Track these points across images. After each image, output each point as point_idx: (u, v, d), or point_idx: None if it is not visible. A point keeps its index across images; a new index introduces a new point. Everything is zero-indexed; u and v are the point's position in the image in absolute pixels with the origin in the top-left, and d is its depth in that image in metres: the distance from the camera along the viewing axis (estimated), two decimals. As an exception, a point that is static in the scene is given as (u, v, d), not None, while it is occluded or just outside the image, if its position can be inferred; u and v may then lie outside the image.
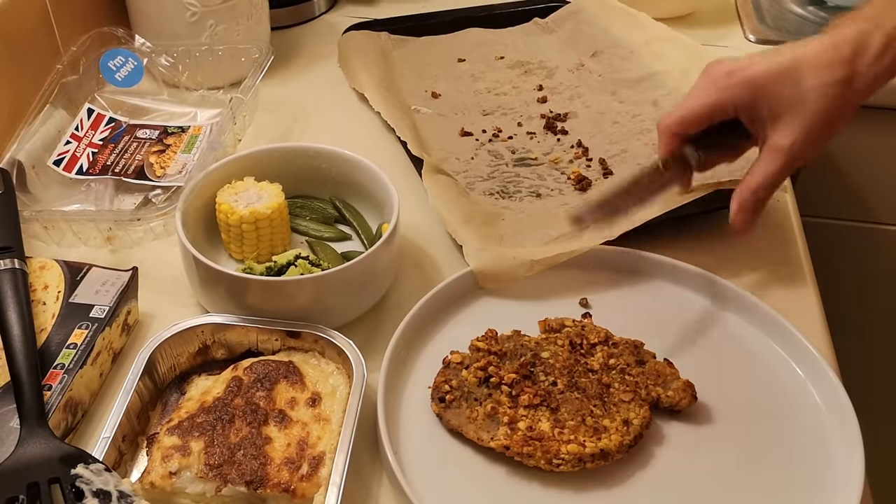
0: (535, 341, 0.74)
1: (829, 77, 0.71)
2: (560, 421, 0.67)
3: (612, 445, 0.65)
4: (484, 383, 0.70)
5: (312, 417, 0.66)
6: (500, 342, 0.74)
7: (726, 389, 0.72)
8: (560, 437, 0.65)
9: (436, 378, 0.72)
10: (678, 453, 0.68)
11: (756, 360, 0.75)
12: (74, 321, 0.71)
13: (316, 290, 0.74)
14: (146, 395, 0.69)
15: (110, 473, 0.60)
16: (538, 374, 0.71)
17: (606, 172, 0.96)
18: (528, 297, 0.81)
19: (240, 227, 0.81)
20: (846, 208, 1.37)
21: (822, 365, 0.72)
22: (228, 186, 0.82)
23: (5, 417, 0.64)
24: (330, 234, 0.87)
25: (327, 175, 0.88)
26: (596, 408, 0.68)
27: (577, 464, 0.64)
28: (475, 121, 1.06)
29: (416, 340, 0.76)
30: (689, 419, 0.70)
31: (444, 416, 0.69)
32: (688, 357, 0.74)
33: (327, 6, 1.32)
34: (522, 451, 0.65)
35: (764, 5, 1.30)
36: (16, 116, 0.94)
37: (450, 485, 0.66)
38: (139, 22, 1.09)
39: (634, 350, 0.73)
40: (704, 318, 0.79)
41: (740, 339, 0.77)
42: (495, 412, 0.68)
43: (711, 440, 0.69)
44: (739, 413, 0.71)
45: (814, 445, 0.68)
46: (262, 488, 0.61)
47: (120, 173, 0.93)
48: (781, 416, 0.71)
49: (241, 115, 0.97)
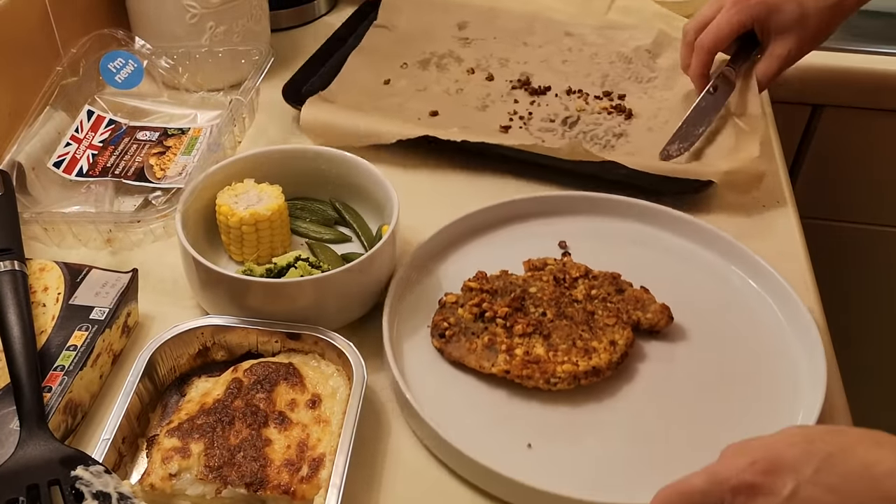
0: (522, 279, 0.80)
1: (824, 3, 0.93)
2: (553, 346, 0.73)
3: (602, 363, 0.71)
4: (479, 318, 0.76)
5: (312, 419, 0.66)
6: (490, 281, 0.79)
7: (699, 312, 0.79)
8: (555, 360, 0.71)
9: (434, 317, 0.77)
10: (659, 368, 0.75)
11: (725, 287, 0.83)
12: (74, 323, 0.71)
13: (316, 291, 0.74)
14: (146, 397, 0.69)
15: (110, 475, 0.60)
16: (528, 307, 0.76)
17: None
18: (510, 243, 0.87)
19: (240, 229, 0.81)
20: (846, 210, 1.37)
21: (784, 285, 0.79)
22: (228, 188, 0.82)
23: (5, 419, 0.64)
24: (330, 236, 0.87)
25: (327, 177, 0.88)
26: (584, 332, 0.74)
27: (572, 381, 0.71)
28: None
29: (411, 286, 0.81)
30: (666, 338, 0.77)
31: (445, 349, 0.75)
32: (662, 286, 0.80)
33: (327, 8, 1.32)
34: (522, 374, 0.71)
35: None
36: (16, 118, 0.94)
37: (456, 410, 0.71)
38: (139, 24, 1.09)
39: (613, 281, 0.79)
40: (677, 253, 0.87)
41: (711, 269, 0.85)
42: (493, 342, 0.73)
43: (688, 356, 0.76)
44: (711, 332, 0.78)
45: (780, 357, 0.76)
46: (262, 490, 0.61)
47: (120, 175, 0.93)
48: (749, 333, 0.78)
49: (240, 117, 0.97)
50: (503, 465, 0.64)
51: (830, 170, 1.32)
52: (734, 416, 0.71)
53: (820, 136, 1.29)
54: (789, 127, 1.25)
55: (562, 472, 0.67)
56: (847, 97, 1.23)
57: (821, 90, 1.23)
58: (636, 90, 1.10)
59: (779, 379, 0.74)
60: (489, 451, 0.65)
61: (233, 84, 1.05)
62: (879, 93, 1.22)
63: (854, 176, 1.33)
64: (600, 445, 0.69)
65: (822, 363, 0.72)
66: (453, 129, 1.00)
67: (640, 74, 1.13)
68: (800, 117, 1.28)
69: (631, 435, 0.70)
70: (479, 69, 1.15)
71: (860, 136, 1.29)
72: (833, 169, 1.32)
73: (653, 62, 1.15)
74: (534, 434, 0.69)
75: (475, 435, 0.68)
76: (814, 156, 1.31)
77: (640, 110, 1.06)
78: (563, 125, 1.04)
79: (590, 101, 1.08)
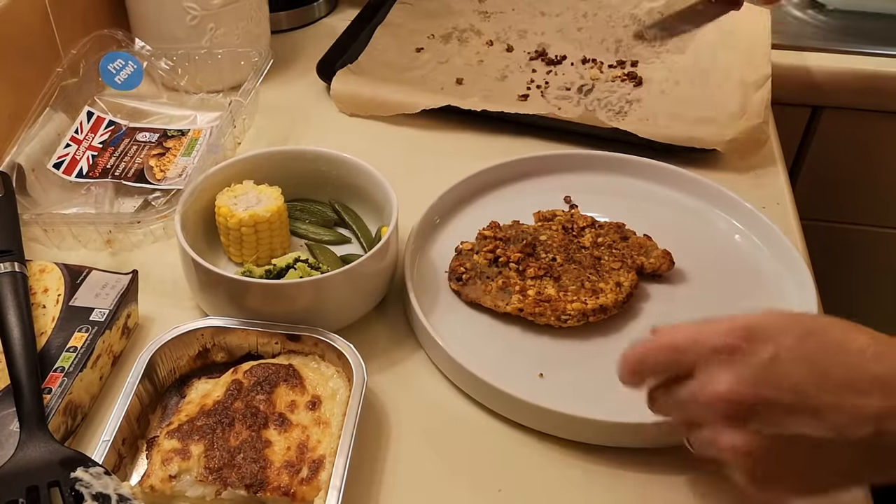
0: (533, 228, 0.86)
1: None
2: (563, 287, 0.78)
3: (609, 302, 0.77)
4: (493, 263, 0.82)
5: (312, 421, 0.66)
6: (503, 230, 0.85)
7: (698, 258, 0.85)
8: (565, 299, 0.77)
9: (451, 263, 0.83)
10: (662, 307, 0.81)
11: (721, 234, 0.89)
12: (74, 324, 0.71)
13: (315, 293, 0.74)
14: (146, 399, 0.69)
15: (110, 477, 0.60)
16: (539, 252, 0.82)
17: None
18: (520, 197, 0.93)
19: (239, 231, 0.81)
20: (847, 212, 1.37)
21: (775, 231, 0.85)
22: (228, 190, 0.82)
23: (5, 421, 0.64)
24: (329, 237, 0.87)
25: (326, 178, 0.88)
26: (591, 275, 0.80)
27: (581, 318, 0.76)
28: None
29: (429, 235, 0.87)
30: (668, 281, 0.83)
31: (462, 291, 0.80)
32: (664, 234, 0.85)
33: (327, 10, 1.32)
34: (535, 312, 0.76)
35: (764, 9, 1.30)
36: (15, 119, 0.94)
37: (474, 344, 0.76)
38: (139, 25, 1.09)
39: (618, 229, 0.85)
40: (677, 205, 0.92)
41: (708, 220, 0.90)
42: (506, 285, 0.79)
43: (688, 297, 0.82)
44: (710, 275, 0.84)
45: (775, 299, 0.81)
46: (262, 492, 0.61)
47: (120, 176, 0.93)
48: (745, 275, 0.84)
49: (240, 119, 0.97)
50: (518, 390, 0.69)
51: (831, 171, 1.32)
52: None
53: (820, 138, 1.29)
54: (789, 128, 1.25)
55: (571, 395, 0.71)
56: (847, 99, 1.23)
57: (821, 92, 1.23)
58: (649, 55, 1.16)
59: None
60: (504, 379, 0.70)
61: (232, 86, 1.05)
62: (880, 94, 1.22)
63: (854, 177, 1.33)
64: (605, 373, 0.71)
65: (812, 296, 0.78)
66: (474, 98, 1.08)
67: None
68: (800, 119, 1.28)
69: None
70: (499, 41, 1.22)
71: (860, 138, 1.29)
72: (833, 170, 1.32)
73: None
74: (545, 365, 0.74)
75: (491, 366, 0.72)
76: (814, 157, 1.31)
77: (652, 75, 1.13)
78: (578, 93, 1.10)
79: (604, 69, 1.15)
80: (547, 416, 0.68)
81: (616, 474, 0.67)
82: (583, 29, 1.23)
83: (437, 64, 1.17)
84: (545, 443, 0.69)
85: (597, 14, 1.25)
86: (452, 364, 0.72)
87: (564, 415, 0.68)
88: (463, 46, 1.21)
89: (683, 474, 0.67)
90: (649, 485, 0.67)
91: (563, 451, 0.69)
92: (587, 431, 0.68)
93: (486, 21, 1.26)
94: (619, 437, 0.68)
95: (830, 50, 1.22)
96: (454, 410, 0.72)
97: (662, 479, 0.67)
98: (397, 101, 1.06)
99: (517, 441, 0.70)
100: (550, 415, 0.68)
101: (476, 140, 1.04)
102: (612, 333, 0.77)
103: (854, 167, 1.32)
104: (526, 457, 0.69)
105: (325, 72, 1.13)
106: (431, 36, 1.23)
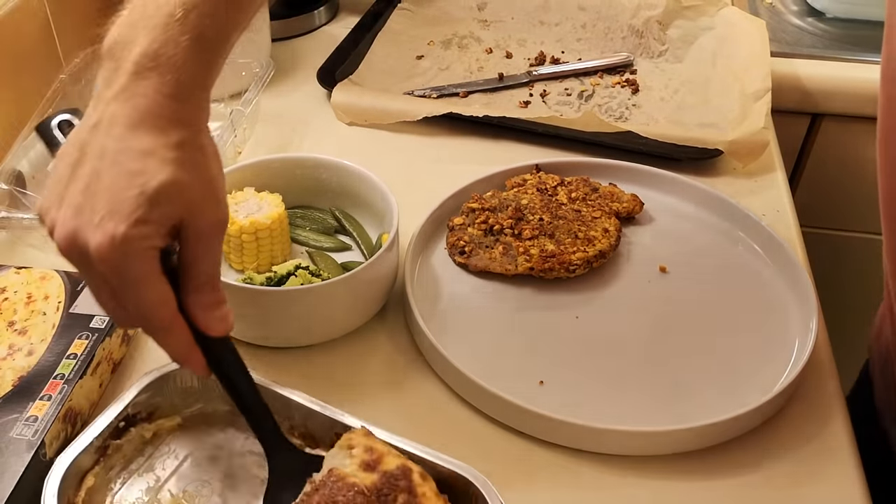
0: (513, 194, 0.90)
1: None
2: (560, 241, 0.84)
3: (605, 247, 0.84)
4: (489, 233, 0.85)
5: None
6: (487, 200, 0.89)
7: (698, 265, 0.86)
8: (567, 251, 0.82)
9: (448, 239, 0.87)
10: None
11: (721, 242, 0.89)
12: (74, 331, 0.71)
13: (316, 300, 0.74)
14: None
15: None
16: (527, 215, 0.87)
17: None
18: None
19: (240, 238, 0.81)
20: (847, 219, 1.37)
21: (774, 237, 0.86)
22: (228, 197, 0.82)
23: (5, 427, 0.64)
24: (330, 245, 0.87)
25: (327, 185, 0.88)
26: (580, 227, 0.85)
27: (586, 266, 0.82)
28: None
29: (429, 242, 0.88)
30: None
31: (469, 262, 0.84)
32: (663, 241, 0.89)
33: (328, 17, 1.33)
34: (544, 268, 0.81)
35: (763, 17, 1.31)
36: (17, 127, 0.94)
37: (475, 352, 0.76)
38: (140, 33, 1.09)
39: (585, 182, 0.92)
40: (676, 213, 0.93)
41: (708, 227, 0.91)
42: (508, 250, 0.84)
43: (687, 299, 0.83)
44: (709, 282, 0.85)
45: (775, 307, 0.82)
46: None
47: (120, 184, 0.93)
48: (745, 282, 0.85)
49: (241, 127, 0.97)
50: (518, 398, 0.70)
51: (830, 179, 1.32)
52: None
53: (820, 146, 1.29)
54: (789, 136, 1.25)
55: (572, 403, 0.72)
56: (847, 107, 1.23)
57: (820, 99, 1.23)
58: (648, 65, 1.18)
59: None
60: (505, 386, 0.71)
61: (233, 94, 1.05)
62: (879, 102, 1.22)
63: (854, 185, 1.33)
64: (605, 378, 0.75)
65: (813, 303, 0.80)
66: (475, 105, 1.10)
67: (651, 49, 1.21)
68: (799, 127, 1.28)
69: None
70: (498, 48, 1.23)
71: (860, 146, 1.29)
72: (833, 178, 1.32)
73: (663, 34, 1.22)
74: (546, 373, 0.75)
75: (492, 373, 0.72)
76: (814, 165, 1.31)
77: (651, 83, 1.15)
78: (578, 98, 1.12)
79: (604, 76, 1.16)
80: (547, 424, 0.69)
81: (617, 481, 0.67)
82: (582, 40, 1.24)
83: (438, 70, 1.18)
84: (546, 449, 0.69)
85: (595, 25, 1.26)
86: (454, 371, 0.72)
87: (564, 422, 0.68)
88: (463, 53, 1.22)
89: (664, 480, 0.67)
90: (650, 491, 0.67)
91: (566, 456, 0.69)
92: (588, 439, 0.68)
93: (486, 29, 1.27)
94: (615, 444, 0.69)
95: (830, 58, 1.22)
96: (455, 417, 0.72)
97: (651, 485, 0.67)
98: (398, 108, 1.07)
99: (518, 447, 0.70)
100: (550, 422, 0.68)
101: (477, 147, 1.05)
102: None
103: (854, 175, 1.32)
104: (527, 461, 0.69)
105: (326, 79, 1.13)
106: (431, 42, 1.24)
